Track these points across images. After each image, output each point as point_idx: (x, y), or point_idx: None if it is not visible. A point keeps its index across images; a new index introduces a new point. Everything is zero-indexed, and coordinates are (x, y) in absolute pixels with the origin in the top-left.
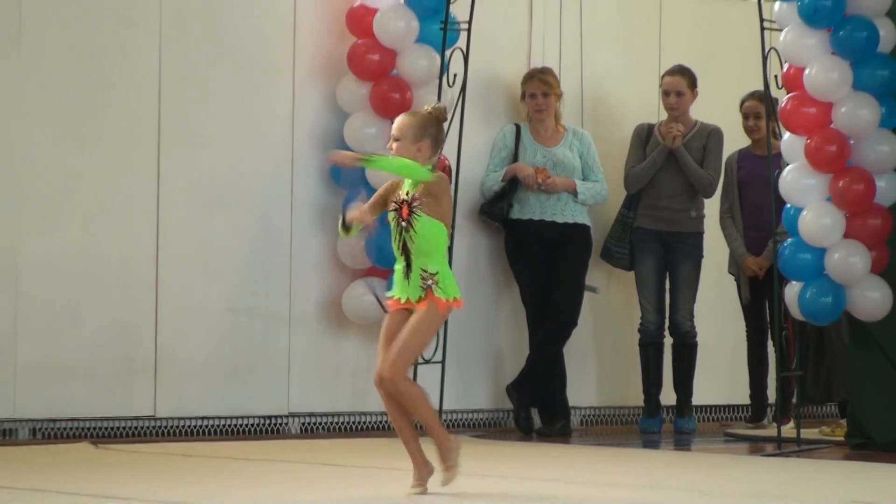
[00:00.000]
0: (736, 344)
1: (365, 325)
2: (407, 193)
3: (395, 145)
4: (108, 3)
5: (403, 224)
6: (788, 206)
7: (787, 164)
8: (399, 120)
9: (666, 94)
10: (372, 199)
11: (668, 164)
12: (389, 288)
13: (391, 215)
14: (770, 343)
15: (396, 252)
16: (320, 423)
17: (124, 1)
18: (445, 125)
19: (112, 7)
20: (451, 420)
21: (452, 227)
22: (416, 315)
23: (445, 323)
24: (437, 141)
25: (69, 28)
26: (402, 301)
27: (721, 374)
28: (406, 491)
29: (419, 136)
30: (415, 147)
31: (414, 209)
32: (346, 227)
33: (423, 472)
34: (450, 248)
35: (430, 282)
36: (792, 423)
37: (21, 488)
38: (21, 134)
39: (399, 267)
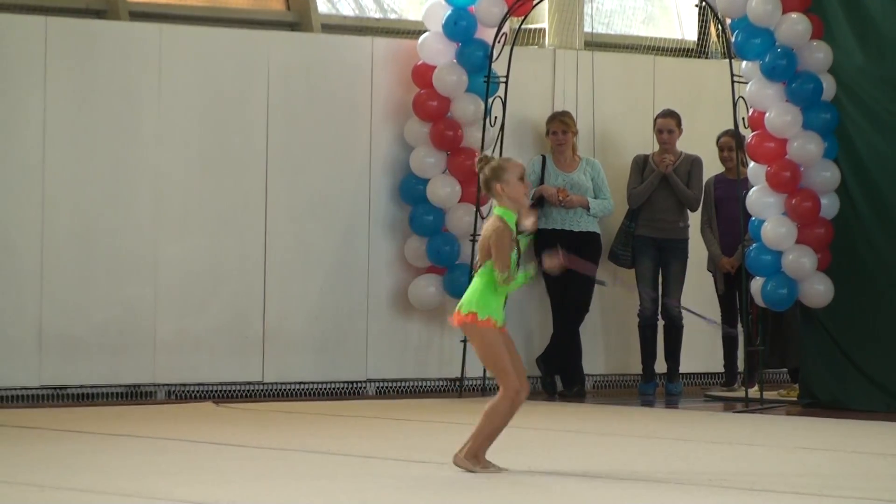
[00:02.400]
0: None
1: (425, 311)
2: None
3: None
4: (229, 63)
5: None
6: (754, 218)
7: (753, 186)
8: (482, 174)
9: (659, 131)
10: (505, 251)
11: (662, 185)
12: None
13: (513, 256)
14: (739, 324)
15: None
16: (391, 387)
17: (242, 63)
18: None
19: (232, 63)
20: (491, 385)
21: None
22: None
23: None
24: (502, 173)
25: (199, 82)
26: (500, 325)
27: (701, 349)
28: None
29: (492, 180)
30: (497, 195)
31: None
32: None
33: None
34: None
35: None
36: (756, 387)
37: (159, 437)
38: (162, 162)
39: (500, 299)
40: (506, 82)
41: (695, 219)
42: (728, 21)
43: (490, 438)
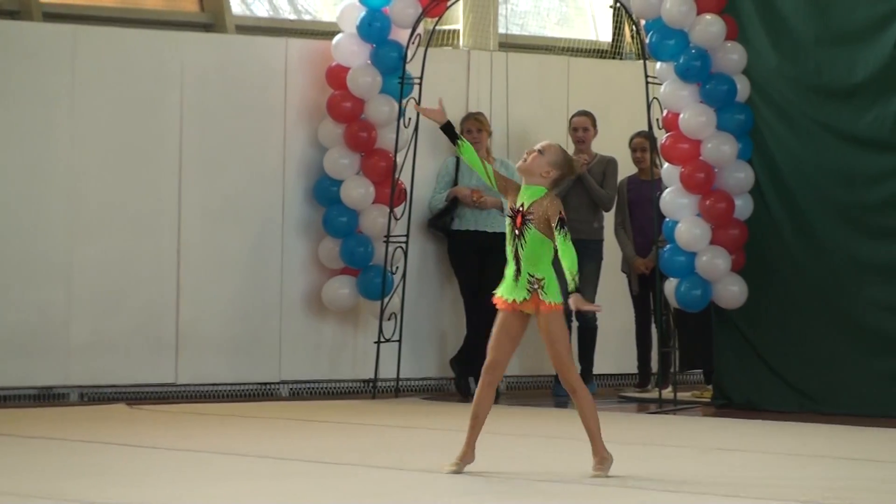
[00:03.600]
0: (627, 326)
1: (339, 312)
2: (522, 205)
3: (533, 154)
4: (143, 64)
5: (516, 232)
6: (667, 219)
7: (666, 188)
8: (551, 144)
9: (574, 129)
10: (501, 177)
11: (576, 185)
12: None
13: (507, 220)
14: (653, 325)
15: (509, 256)
16: (305, 389)
17: (156, 63)
18: (569, 179)
19: (146, 64)
20: (405, 386)
21: (408, 237)
22: (544, 323)
23: (402, 308)
24: (562, 178)
25: (113, 83)
26: (509, 301)
27: (615, 349)
28: (443, 466)
29: (555, 165)
30: (546, 168)
31: (527, 221)
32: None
33: (467, 457)
34: (406, 254)
35: (535, 286)
36: (670, 388)
37: (72, 439)
38: (76, 163)
39: (510, 271)
40: (420, 83)
41: (609, 219)
42: (642, 22)
43: (598, 430)
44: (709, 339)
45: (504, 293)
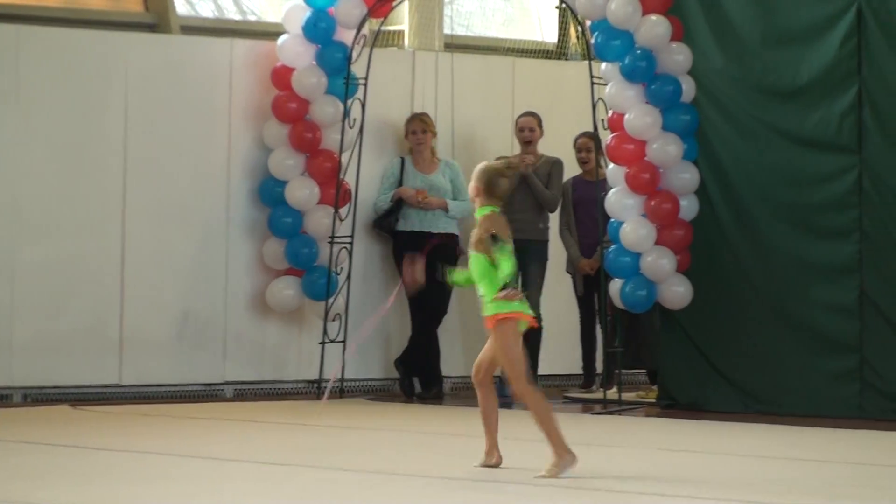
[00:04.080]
0: (571, 326)
1: (283, 313)
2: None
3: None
4: (88, 64)
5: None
6: (612, 220)
7: (612, 188)
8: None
9: (520, 130)
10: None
11: (521, 186)
12: None
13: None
14: (598, 326)
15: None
16: (249, 389)
17: (100, 64)
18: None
19: (90, 65)
20: (350, 387)
21: (353, 238)
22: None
23: (347, 308)
24: (491, 186)
25: (57, 83)
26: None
27: (560, 350)
28: (473, 465)
29: (477, 180)
30: (473, 191)
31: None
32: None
33: (491, 458)
34: (350, 255)
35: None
36: (615, 389)
37: (15, 441)
38: (20, 165)
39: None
40: (365, 84)
41: (554, 220)
42: (588, 23)
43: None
44: (655, 340)
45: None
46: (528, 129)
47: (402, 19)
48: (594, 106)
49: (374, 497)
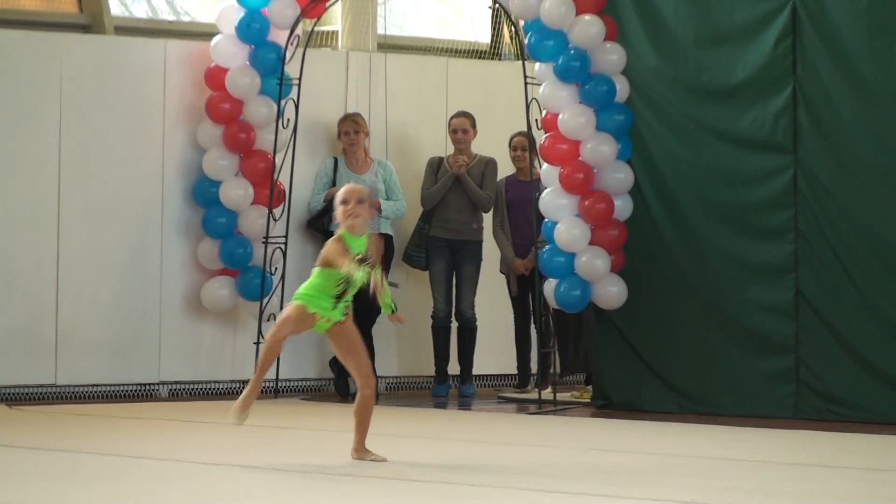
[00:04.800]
0: (506, 326)
1: (218, 313)
2: (358, 255)
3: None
4: (22, 64)
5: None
6: (546, 220)
7: (545, 188)
8: (359, 188)
9: (454, 131)
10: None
11: (455, 187)
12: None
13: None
14: (532, 326)
15: (332, 292)
16: (184, 389)
17: (34, 64)
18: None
19: (24, 65)
20: (285, 387)
21: (287, 238)
22: (351, 329)
23: (281, 308)
24: (352, 203)
25: None
26: (323, 318)
27: (495, 350)
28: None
29: (342, 202)
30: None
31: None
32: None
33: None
34: (285, 255)
35: (348, 311)
36: (549, 389)
37: None
38: None
39: (328, 302)
40: (299, 84)
41: (488, 220)
42: (521, 23)
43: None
44: (589, 341)
45: (322, 312)
46: (462, 129)
47: (335, 20)
48: (528, 106)
49: (309, 496)
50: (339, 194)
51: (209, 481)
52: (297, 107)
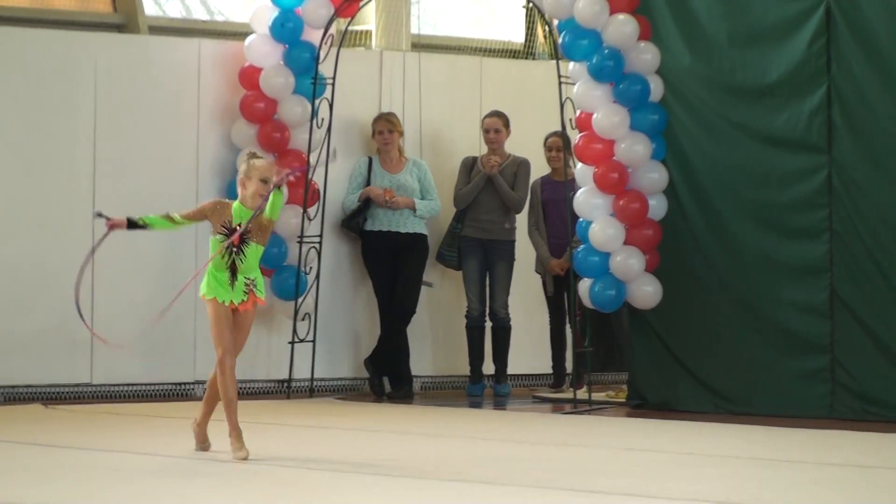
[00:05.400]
0: (540, 326)
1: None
2: (239, 225)
3: (265, 186)
4: (56, 64)
5: (234, 249)
6: (581, 219)
7: (580, 188)
8: (268, 164)
9: (486, 131)
10: (193, 211)
11: (488, 187)
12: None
13: (219, 237)
14: (567, 326)
15: (223, 265)
16: None
17: (69, 64)
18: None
19: (58, 65)
20: (320, 386)
21: (321, 237)
22: (248, 316)
23: (316, 308)
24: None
25: (26, 83)
26: (227, 303)
27: (529, 350)
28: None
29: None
30: (257, 192)
31: (245, 239)
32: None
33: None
34: (319, 254)
35: (251, 287)
36: (584, 388)
37: None
38: None
39: (223, 276)
40: (332, 84)
41: (522, 220)
42: (555, 22)
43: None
44: (624, 341)
45: (220, 296)
46: (494, 129)
47: (369, 19)
48: (562, 105)
49: (343, 496)
50: (260, 172)
51: (241, 480)
52: (331, 106)
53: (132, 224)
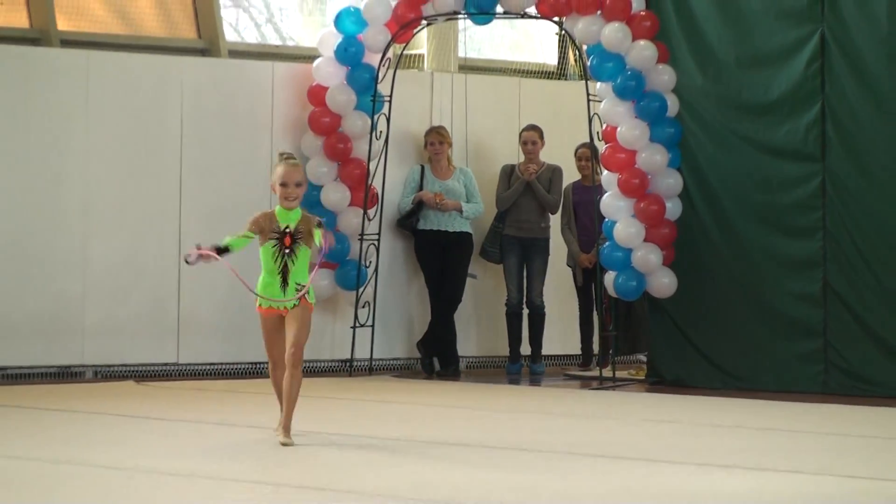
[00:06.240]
0: (570, 312)
1: (319, 301)
2: (287, 227)
3: (300, 190)
4: (148, 84)
5: (286, 251)
6: (607, 219)
7: (606, 192)
8: (284, 168)
9: (525, 143)
10: (250, 225)
11: (526, 191)
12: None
13: (270, 243)
14: (594, 312)
15: (275, 270)
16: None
17: (159, 84)
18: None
19: (150, 85)
20: (378, 366)
21: (380, 235)
22: (300, 315)
23: (375, 297)
24: (296, 184)
25: (122, 101)
26: (281, 309)
27: (561, 333)
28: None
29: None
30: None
31: (297, 240)
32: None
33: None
34: (378, 250)
35: (303, 292)
36: (609, 367)
37: (87, 411)
38: (90, 173)
39: (274, 280)
40: (389, 101)
41: (555, 220)
42: (584, 47)
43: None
44: (644, 326)
45: (273, 304)
46: (531, 141)
47: (422, 44)
48: (590, 120)
49: (401, 464)
50: (280, 177)
51: (311, 449)
52: (388, 120)
53: (220, 251)
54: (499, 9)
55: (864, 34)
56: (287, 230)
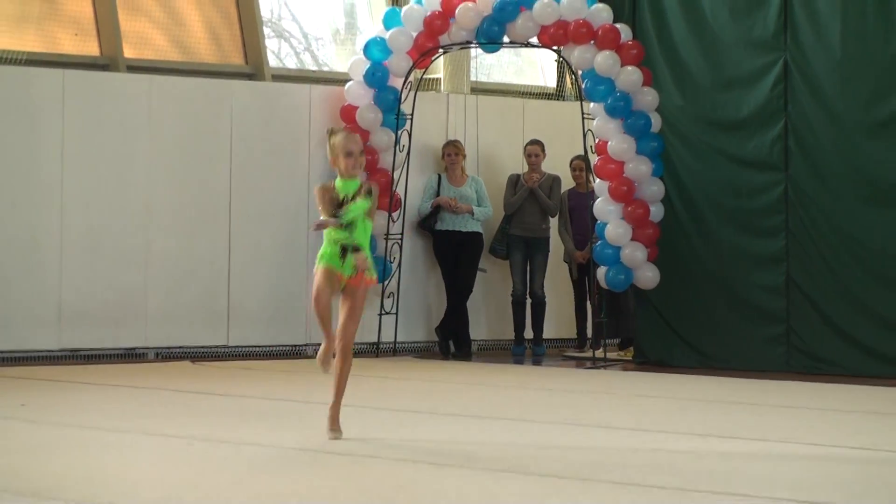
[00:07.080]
0: (568, 302)
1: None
2: (346, 197)
3: (363, 158)
4: (203, 101)
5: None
6: (599, 221)
7: (598, 197)
8: (342, 138)
9: (528, 155)
10: (326, 203)
11: (530, 197)
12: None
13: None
14: (588, 302)
15: (335, 240)
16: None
17: (211, 104)
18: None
19: (204, 105)
20: (401, 348)
21: (402, 235)
22: (358, 294)
23: (398, 288)
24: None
25: (179, 119)
26: (337, 269)
27: (559, 320)
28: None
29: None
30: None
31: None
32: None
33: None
34: (401, 248)
35: (359, 269)
36: (601, 349)
37: (148, 387)
38: (152, 179)
39: (334, 250)
40: (411, 119)
41: (554, 222)
42: (580, 72)
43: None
44: (629, 314)
45: (331, 262)
46: (534, 154)
47: (439, 69)
48: (584, 135)
49: (431, 426)
50: (342, 148)
51: (346, 415)
52: (409, 135)
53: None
54: (506, 39)
55: (821, 60)
56: (346, 200)
